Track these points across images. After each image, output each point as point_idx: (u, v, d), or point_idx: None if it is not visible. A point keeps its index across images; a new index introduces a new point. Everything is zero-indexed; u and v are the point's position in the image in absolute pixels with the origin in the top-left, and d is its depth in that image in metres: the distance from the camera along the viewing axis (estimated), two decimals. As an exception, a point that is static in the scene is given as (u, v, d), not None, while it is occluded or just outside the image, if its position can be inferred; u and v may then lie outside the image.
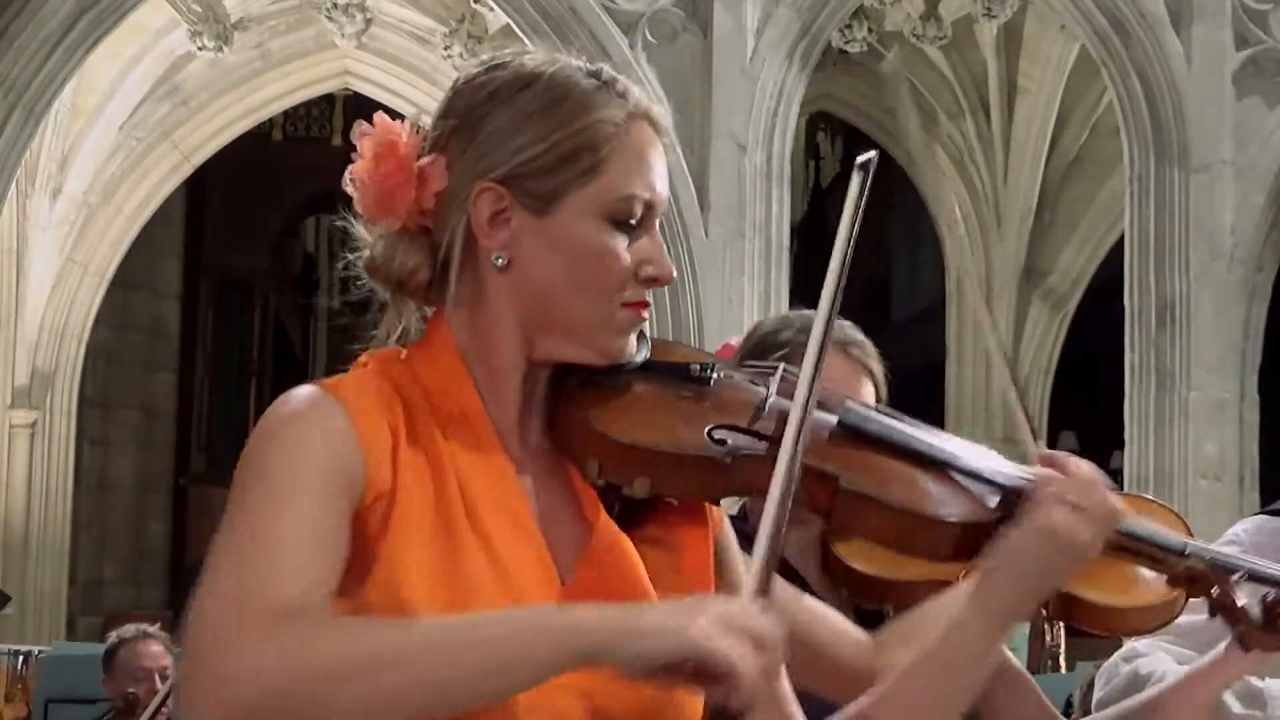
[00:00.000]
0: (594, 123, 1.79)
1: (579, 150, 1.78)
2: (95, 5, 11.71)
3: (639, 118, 1.83)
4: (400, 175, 1.80)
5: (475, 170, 1.79)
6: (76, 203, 15.33)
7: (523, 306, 1.79)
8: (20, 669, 11.61)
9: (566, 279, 1.78)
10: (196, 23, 14.59)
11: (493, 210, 1.78)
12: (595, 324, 1.79)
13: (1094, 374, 14.41)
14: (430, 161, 1.80)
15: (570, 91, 1.82)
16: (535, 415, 1.82)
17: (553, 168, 1.78)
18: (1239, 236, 11.92)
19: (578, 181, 1.78)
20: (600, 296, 1.78)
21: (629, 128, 1.81)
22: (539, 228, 1.78)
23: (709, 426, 1.82)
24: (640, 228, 1.80)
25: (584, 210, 1.78)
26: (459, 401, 1.77)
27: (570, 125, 1.79)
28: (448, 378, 1.78)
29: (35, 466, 15.30)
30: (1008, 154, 16.32)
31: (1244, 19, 12.14)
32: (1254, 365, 12.03)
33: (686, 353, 1.92)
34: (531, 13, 11.80)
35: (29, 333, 15.31)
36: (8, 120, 11.62)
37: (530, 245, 1.78)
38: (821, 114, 17.94)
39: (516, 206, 1.78)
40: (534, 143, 1.78)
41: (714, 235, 11.65)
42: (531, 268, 1.78)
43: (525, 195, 1.78)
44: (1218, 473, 11.63)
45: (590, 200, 1.78)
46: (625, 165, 1.79)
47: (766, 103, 11.89)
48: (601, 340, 1.80)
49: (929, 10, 14.97)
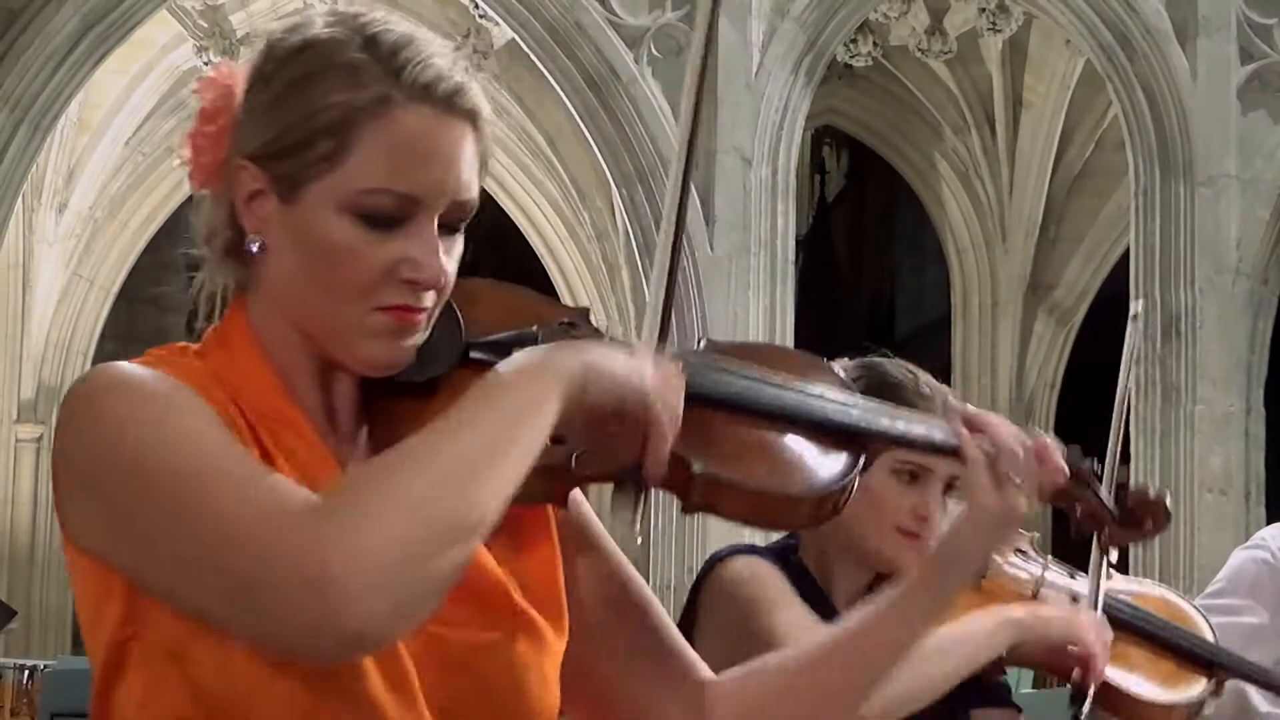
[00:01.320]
0: (339, 103, 1.56)
1: (315, 135, 1.56)
2: (101, 21, 11.73)
3: (415, 99, 1.57)
4: (203, 138, 1.63)
5: (236, 145, 1.61)
6: (82, 217, 15.36)
7: (280, 300, 1.61)
8: (26, 683, 11.61)
9: (308, 276, 1.58)
10: (202, 38, 14.62)
11: (250, 190, 1.59)
12: (344, 327, 1.58)
13: (1099, 388, 14.38)
14: (221, 126, 1.62)
15: (327, 65, 1.58)
16: (343, 411, 1.64)
17: (291, 152, 1.57)
18: (1244, 250, 11.92)
19: (316, 169, 1.56)
20: (345, 298, 1.57)
21: (390, 112, 1.56)
22: (285, 215, 1.58)
23: None
24: (402, 225, 1.56)
25: (325, 202, 1.56)
26: (265, 394, 1.59)
27: (315, 105, 1.57)
28: (246, 368, 1.60)
29: (41, 481, 15.31)
30: (1013, 168, 16.32)
31: (1249, 33, 12.14)
32: (1259, 379, 12.02)
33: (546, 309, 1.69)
34: (537, 27, 11.81)
35: (35, 347, 15.34)
36: (14, 135, 11.64)
37: (278, 233, 1.59)
38: (826, 128, 17.95)
39: (269, 189, 1.59)
40: (278, 122, 1.58)
41: (719, 249, 11.66)
42: (280, 257, 1.59)
43: (273, 179, 1.58)
44: (1223, 486, 11.62)
45: (330, 191, 1.56)
46: (375, 154, 1.56)
47: (771, 117, 11.90)
48: (354, 346, 1.58)
49: (934, 24, 14.99)
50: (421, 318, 1.60)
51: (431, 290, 1.58)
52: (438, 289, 1.58)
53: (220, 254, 1.65)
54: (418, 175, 1.57)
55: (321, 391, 1.63)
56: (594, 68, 11.71)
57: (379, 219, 1.56)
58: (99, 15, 11.71)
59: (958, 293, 16.98)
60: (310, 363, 1.62)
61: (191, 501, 1.43)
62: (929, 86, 16.26)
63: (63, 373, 15.50)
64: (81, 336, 15.66)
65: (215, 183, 1.64)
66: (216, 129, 1.63)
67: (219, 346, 1.62)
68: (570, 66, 11.60)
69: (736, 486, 1.63)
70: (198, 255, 1.69)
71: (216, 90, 1.63)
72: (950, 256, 16.97)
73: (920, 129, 16.60)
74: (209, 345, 1.62)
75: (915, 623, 1.77)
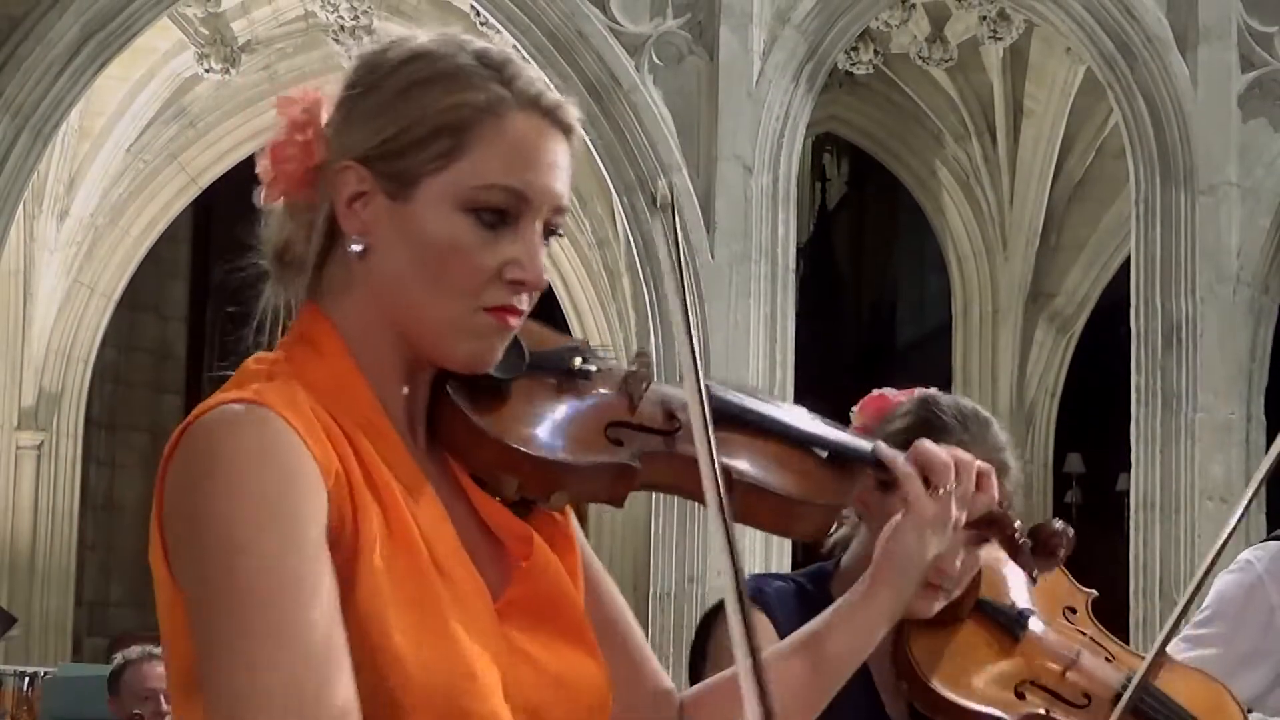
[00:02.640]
0: (458, 104, 1.65)
1: (438, 132, 1.64)
2: (103, 28, 11.73)
3: (524, 106, 1.67)
4: (292, 147, 1.69)
5: (342, 147, 1.68)
6: (83, 224, 15.36)
7: (384, 297, 1.66)
8: (26, 690, 11.60)
9: (417, 273, 1.63)
10: (204, 45, 14.63)
11: (354, 191, 1.66)
12: (448, 325, 1.64)
13: (1100, 396, 14.39)
14: (314, 134, 1.69)
15: (443, 70, 1.67)
16: (420, 416, 1.71)
17: (409, 149, 1.64)
18: (1245, 259, 11.92)
19: (434, 165, 1.64)
20: (452, 295, 1.63)
21: (505, 115, 1.65)
22: (395, 214, 1.65)
23: (605, 425, 1.76)
24: (510, 224, 1.65)
25: (439, 197, 1.63)
26: (360, 405, 1.64)
27: (433, 105, 1.65)
28: (339, 374, 1.65)
29: (41, 488, 15.32)
30: (1014, 176, 16.32)
31: (1250, 41, 12.14)
32: (1260, 387, 12.02)
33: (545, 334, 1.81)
34: (538, 34, 11.82)
35: (36, 354, 15.33)
36: (15, 142, 11.64)
37: (386, 232, 1.65)
38: (828, 136, 17.97)
39: (377, 189, 1.65)
40: (395, 121, 1.66)
41: (720, 257, 11.66)
42: (386, 256, 1.65)
43: (384, 178, 1.65)
44: (1224, 494, 11.60)
45: (446, 187, 1.63)
46: (492, 152, 1.64)
47: (772, 125, 11.90)
48: (455, 344, 1.65)
49: (935, 32, 15.00)
50: (519, 320, 1.67)
51: (528, 294, 1.66)
52: (540, 288, 1.67)
53: (295, 264, 1.71)
54: (527, 175, 1.64)
55: (405, 392, 1.68)
56: (595, 75, 11.72)
57: (490, 216, 1.63)
58: (100, 23, 11.71)
59: (958, 300, 16.98)
60: (399, 363, 1.67)
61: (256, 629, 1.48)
62: (930, 94, 16.26)
63: (63, 380, 15.50)
64: (82, 344, 15.66)
65: (299, 191, 1.70)
66: (307, 138, 1.69)
67: (311, 353, 1.66)
68: (571, 74, 11.60)
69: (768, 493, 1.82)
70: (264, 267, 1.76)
71: (303, 103, 1.71)
72: (951, 264, 16.97)
73: (921, 137, 16.60)
74: (295, 352, 1.67)
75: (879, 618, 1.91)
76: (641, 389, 1.80)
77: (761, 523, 1.86)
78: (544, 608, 1.67)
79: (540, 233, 1.67)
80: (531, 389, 1.74)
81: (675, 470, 1.75)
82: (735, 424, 1.86)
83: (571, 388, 1.78)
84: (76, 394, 15.67)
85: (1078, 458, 17.63)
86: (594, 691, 1.69)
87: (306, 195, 1.70)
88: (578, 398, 1.77)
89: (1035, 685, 2.52)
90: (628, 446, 1.75)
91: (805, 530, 1.90)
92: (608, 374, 1.81)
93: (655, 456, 1.76)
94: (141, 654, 7.07)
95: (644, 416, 1.79)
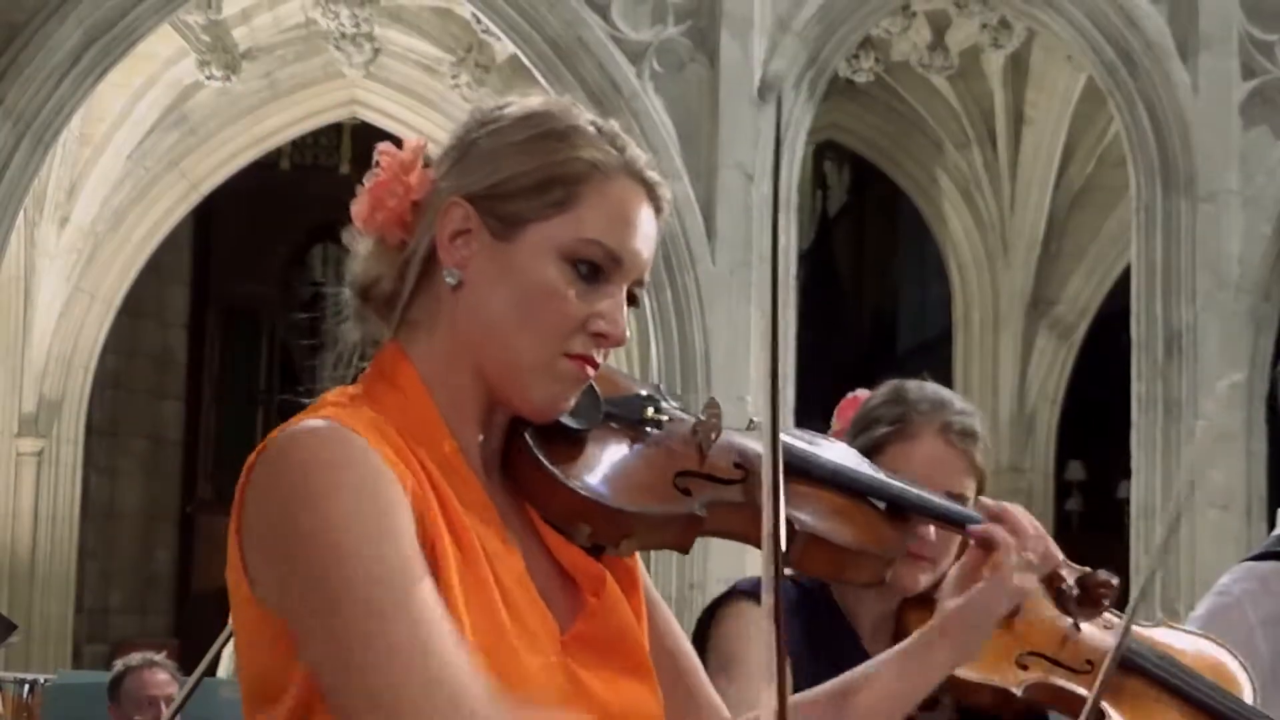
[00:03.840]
0: (574, 158, 1.74)
1: (552, 181, 1.72)
2: (104, 35, 11.73)
3: (630, 175, 1.76)
4: (397, 185, 1.76)
5: (451, 186, 1.75)
6: (84, 231, 15.36)
7: (470, 334, 1.72)
8: (26, 697, 11.58)
9: (509, 311, 1.70)
10: (205, 52, 14.63)
11: (458, 227, 1.73)
12: (531, 366, 1.71)
13: (1101, 404, 14.39)
14: (418, 175, 1.77)
15: (561, 126, 1.76)
16: (494, 460, 1.76)
17: (522, 193, 1.72)
18: (1246, 266, 11.92)
19: (544, 212, 1.72)
20: (540, 336, 1.70)
21: (614, 177, 1.74)
22: (497, 252, 1.72)
23: (674, 475, 1.81)
24: (603, 280, 1.73)
25: (543, 243, 1.71)
26: (437, 443, 1.70)
27: (550, 155, 1.73)
28: (419, 413, 1.70)
29: (42, 495, 15.30)
30: (1014, 184, 16.33)
31: (1250, 49, 12.15)
32: (1261, 395, 12.01)
33: (621, 382, 1.88)
34: (539, 42, 11.82)
35: (36, 361, 15.33)
36: (16, 149, 11.64)
37: (484, 268, 1.72)
38: (829, 143, 17.96)
39: (481, 227, 1.72)
40: (511, 166, 1.73)
41: (721, 264, 11.66)
42: (480, 292, 1.72)
43: (491, 216, 1.72)
44: (1225, 502, 11.60)
45: (552, 234, 1.71)
46: (598, 210, 1.72)
47: (773, 132, 11.90)
48: (534, 386, 1.71)
49: (936, 40, 15.00)
50: (594, 372, 1.74)
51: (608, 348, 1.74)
52: (619, 346, 1.75)
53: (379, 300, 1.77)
54: (624, 238, 1.73)
55: (480, 432, 1.74)
56: (596, 83, 11.72)
57: (586, 269, 1.71)
58: (101, 30, 11.72)
59: (959, 308, 16.98)
60: (475, 405, 1.73)
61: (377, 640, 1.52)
62: (931, 102, 16.26)
63: (64, 386, 15.49)
64: (83, 350, 15.65)
65: (394, 230, 1.76)
66: (411, 178, 1.76)
67: (389, 389, 1.72)
68: (573, 81, 11.60)
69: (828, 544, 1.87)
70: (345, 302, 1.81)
71: (409, 149, 1.78)
72: (952, 272, 16.97)
73: (922, 144, 16.60)
74: (375, 389, 1.72)
75: (932, 672, 1.95)
76: (711, 438, 1.85)
77: (818, 570, 1.92)
78: (610, 644, 1.71)
79: (625, 296, 1.75)
80: (605, 438, 1.80)
81: (743, 520, 1.80)
82: (796, 473, 1.90)
83: (643, 437, 1.83)
84: (77, 401, 15.66)
85: (1079, 465, 17.63)
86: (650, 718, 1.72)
87: (401, 234, 1.76)
88: (649, 447, 1.82)
89: (1037, 655, 2.56)
90: (696, 496, 1.79)
91: (860, 578, 1.96)
92: (678, 423, 1.86)
93: (722, 506, 1.81)
94: (142, 661, 7.06)
95: (712, 466, 1.84)
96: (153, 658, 7.14)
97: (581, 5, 11.82)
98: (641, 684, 1.73)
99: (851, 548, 1.89)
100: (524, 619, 1.65)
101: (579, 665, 1.67)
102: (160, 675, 6.98)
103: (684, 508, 1.78)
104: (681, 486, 1.80)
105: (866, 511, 1.94)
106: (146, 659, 7.09)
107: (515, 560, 1.68)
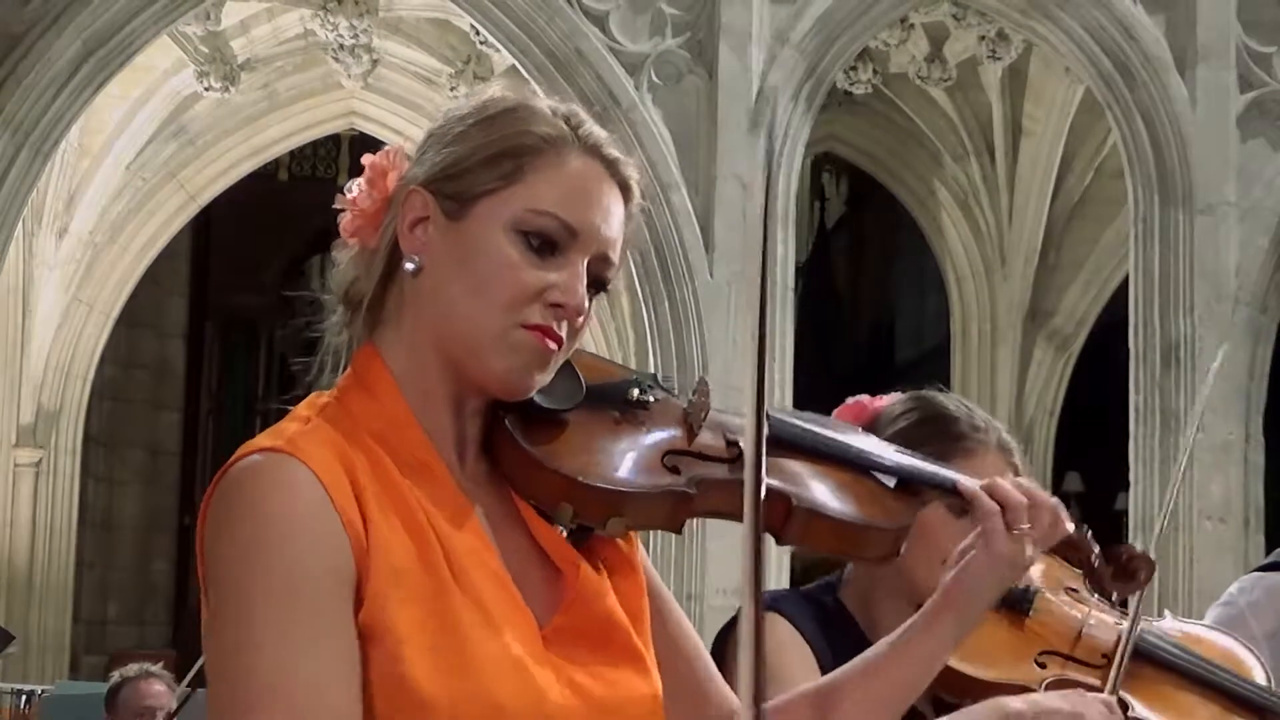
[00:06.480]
0: (524, 132, 1.74)
1: (502, 155, 1.73)
2: (102, 46, 11.74)
3: (586, 151, 1.76)
4: (373, 188, 1.79)
5: (411, 176, 1.76)
6: (83, 242, 15.37)
7: (432, 318, 1.72)
8: (24, 708, 11.59)
9: (462, 286, 1.70)
10: (203, 63, 14.65)
11: (418, 214, 1.74)
12: (487, 338, 1.69)
13: (1099, 415, 14.39)
14: (392, 177, 1.78)
15: (514, 105, 1.78)
16: (471, 442, 1.76)
17: (472, 170, 1.73)
18: (1243, 278, 11.93)
19: (493, 185, 1.72)
20: (493, 308, 1.69)
21: (567, 152, 1.75)
22: (451, 231, 1.72)
23: (662, 454, 1.79)
24: (558, 253, 1.72)
25: (493, 216, 1.71)
26: (409, 445, 1.70)
27: (500, 131, 1.74)
28: (391, 416, 1.71)
29: (40, 505, 15.30)
30: (1012, 195, 16.34)
31: (1248, 62, 12.16)
32: (1259, 407, 12.02)
33: (610, 368, 1.87)
34: (537, 53, 11.83)
35: (34, 371, 15.33)
36: (15, 160, 11.65)
37: (440, 250, 1.72)
38: (826, 155, 17.98)
39: (437, 210, 1.73)
40: (463, 146, 1.75)
41: (719, 276, 11.67)
42: (438, 274, 1.72)
43: (445, 197, 1.73)
44: (1222, 514, 11.60)
45: (501, 206, 1.71)
46: (550, 183, 1.72)
47: (764, 143, 11.90)
48: (492, 359, 1.70)
49: (934, 52, 15.02)
50: (556, 347, 1.73)
51: (568, 321, 1.72)
52: (580, 317, 1.73)
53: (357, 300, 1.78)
54: (579, 211, 1.72)
55: (454, 421, 1.73)
56: (594, 94, 11.72)
57: (539, 242, 1.71)
58: (100, 41, 11.73)
59: (957, 320, 16.99)
60: (446, 391, 1.73)
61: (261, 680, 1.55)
62: (929, 114, 16.28)
63: (62, 397, 15.49)
64: (81, 361, 15.65)
65: (371, 233, 1.78)
66: (385, 183, 1.78)
67: (361, 393, 1.73)
68: (570, 93, 11.61)
69: (830, 518, 1.84)
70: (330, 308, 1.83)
71: (384, 157, 1.80)
72: (950, 283, 16.98)
73: (920, 156, 16.62)
74: (347, 395, 1.73)
75: (936, 650, 1.95)
76: (700, 417, 1.83)
77: (825, 547, 1.89)
78: (593, 633, 1.69)
79: (584, 269, 1.74)
80: (588, 420, 1.78)
81: (735, 498, 1.74)
82: (796, 450, 1.89)
83: (629, 418, 1.81)
84: (75, 411, 15.66)
85: (1076, 477, 17.63)
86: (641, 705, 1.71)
87: (375, 235, 1.78)
88: (635, 427, 1.81)
89: (1053, 653, 2.58)
90: (684, 473, 1.77)
91: (873, 554, 1.93)
92: (666, 403, 1.84)
93: (712, 484, 1.78)
94: (139, 671, 7.06)
95: (702, 444, 1.82)
96: (150, 669, 7.13)
97: (580, 17, 11.83)
98: (633, 670, 1.71)
99: (857, 522, 1.87)
100: (495, 621, 1.63)
101: (562, 659, 1.66)
102: (157, 686, 6.98)
103: (670, 484, 1.76)
104: (670, 465, 1.78)
105: (870, 486, 1.92)
106: (143, 670, 7.09)
107: (491, 560, 1.67)
